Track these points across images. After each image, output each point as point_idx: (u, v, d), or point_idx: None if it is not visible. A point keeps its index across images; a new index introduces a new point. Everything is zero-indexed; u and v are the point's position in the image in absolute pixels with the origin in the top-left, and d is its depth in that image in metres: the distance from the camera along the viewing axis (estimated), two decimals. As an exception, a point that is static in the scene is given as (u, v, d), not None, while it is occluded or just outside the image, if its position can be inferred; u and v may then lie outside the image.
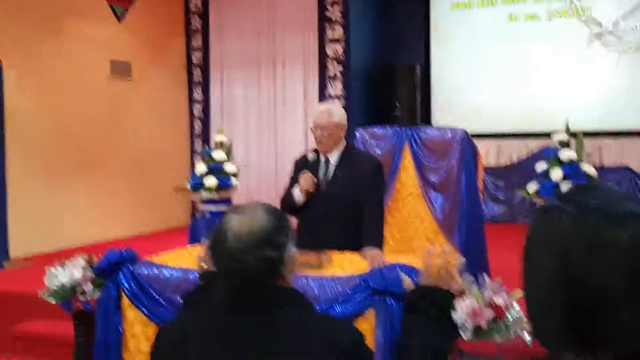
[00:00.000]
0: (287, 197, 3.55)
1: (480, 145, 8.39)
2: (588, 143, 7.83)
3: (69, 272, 3.12)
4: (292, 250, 1.56)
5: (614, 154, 8.56)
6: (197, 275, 2.12)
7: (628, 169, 8.47)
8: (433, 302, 1.69)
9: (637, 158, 8.45)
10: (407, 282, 1.87)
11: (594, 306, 0.78)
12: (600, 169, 8.32)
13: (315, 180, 3.46)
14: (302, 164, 3.61)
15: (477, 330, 2.43)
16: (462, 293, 2.63)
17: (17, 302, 4.95)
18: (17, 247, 6.70)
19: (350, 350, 1.47)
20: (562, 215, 0.83)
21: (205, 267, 2.13)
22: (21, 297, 4.94)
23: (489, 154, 8.80)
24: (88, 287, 3.07)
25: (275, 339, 1.47)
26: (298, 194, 3.48)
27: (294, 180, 3.61)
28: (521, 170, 8.78)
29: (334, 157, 3.51)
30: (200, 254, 2.19)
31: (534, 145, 8.71)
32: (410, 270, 2.93)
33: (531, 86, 8.72)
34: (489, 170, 8.79)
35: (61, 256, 3.27)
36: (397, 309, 2.54)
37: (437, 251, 1.79)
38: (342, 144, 3.53)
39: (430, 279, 1.73)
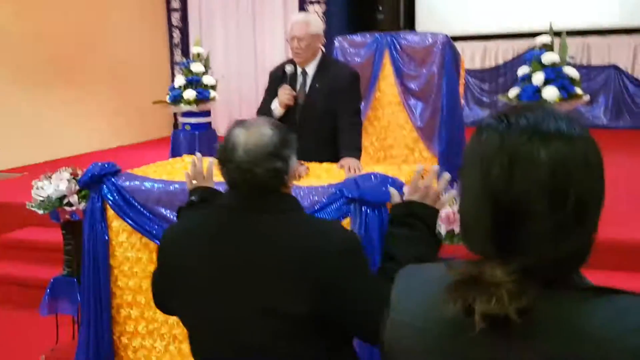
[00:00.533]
0: (265, 110, 3.56)
1: (466, 47, 8.37)
2: (574, 42, 7.81)
3: (54, 185, 3.20)
4: (295, 160, 1.66)
5: (600, 52, 8.52)
6: (187, 191, 2.16)
7: (615, 67, 8.46)
8: (420, 217, 1.76)
9: (624, 56, 8.43)
10: (395, 196, 1.92)
11: (513, 218, 0.85)
12: (587, 68, 8.32)
13: (294, 93, 3.47)
14: (277, 76, 3.60)
15: (450, 235, 2.54)
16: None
17: (6, 211, 5.05)
18: (3, 159, 6.75)
19: (347, 253, 1.56)
20: (490, 132, 0.89)
21: (195, 182, 2.16)
22: (10, 207, 5.04)
23: (475, 56, 8.73)
24: (73, 198, 3.16)
25: (279, 236, 1.57)
26: (276, 107, 3.49)
27: (269, 92, 3.60)
28: (507, 73, 8.76)
29: (310, 69, 3.49)
30: (187, 172, 2.22)
31: (521, 46, 8.60)
32: (386, 179, 3.02)
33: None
34: (474, 73, 8.75)
35: (46, 168, 3.34)
36: (372, 217, 2.63)
37: (426, 169, 1.85)
38: (319, 55, 3.52)
39: (417, 195, 1.79)
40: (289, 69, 3.50)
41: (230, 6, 8.83)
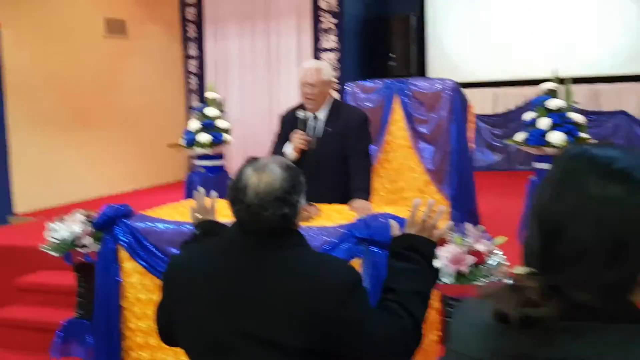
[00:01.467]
0: (277, 153, 3.61)
1: (477, 94, 8.47)
2: (583, 88, 7.87)
3: (68, 227, 3.26)
4: (303, 202, 1.70)
5: (610, 98, 8.56)
6: (193, 226, 2.21)
7: (624, 113, 8.49)
8: (416, 249, 1.80)
9: (634, 102, 8.47)
10: (395, 228, 1.96)
11: (552, 238, 0.89)
12: (597, 114, 8.36)
13: (308, 137, 3.51)
14: (288, 120, 3.66)
15: (459, 276, 2.56)
16: (444, 241, 2.75)
17: (21, 255, 5.10)
18: (21, 203, 6.85)
19: (346, 287, 1.59)
20: (559, 157, 0.93)
21: (200, 217, 2.21)
22: (25, 251, 5.09)
23: (486, 103, 8.81)
24: (87, 240, 3.21)
25: (280, 270, 1.60)
26: (291, 152, 3.53)
27: (280, 135, 3.67)
28: (518, 118, 8.81)
29: (322, 113, 3.55)
30: (192, 206, 2.27)
31: (531, 92, 8.65)
32: (396, 220, 3.05)
33: (527, 33, 8.68)
34: (486, 119, 8.82)
35: (62, 211, 3.40)
36: (382, 257, 2.65)
37: (423, 202, 1.89)
38: (330, 100, 3.58)
39: (415, 228, 1.84)
40: (302, 114, 3.55)
41: (247, 53, 9.03)
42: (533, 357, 0.86)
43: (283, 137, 3.62)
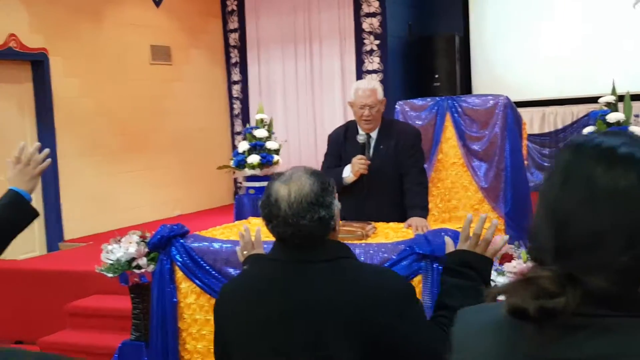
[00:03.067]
0: (334, 177, 3.51)
1: (524, 113, 8.31)
2: (635, 105, 7.67)
3: (124, 248, 3.25)
4: (337, 205, 1.68)
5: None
6: (242, 264, 2.19)
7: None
8: (471, 265, 1.75)
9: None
10: (450, 245, 1.90)
11: (562, 227, 0.86)
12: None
13: (369, 162, 3.42)
14: (337, 140, 3.60)
15: None
16: (509, 257, 2.65)
17: (72, 280, 5.14)
18: (70, 229, 6.94)
19: (403, 297, 1.57)
20: (567, 147, 0.91)
21: (246, 253, 2.20)
22: (77, 275, 5.13)
23: (533, 122, 8.67)
24: (142, 261, 3.19)
25: (330, 284, 1.57)
26: (349, 175, 3.44)
27: (330, 155, 3.62)
28: (567, 137, 8.65)
29: (374, 132, 3.49)
30: (238, 247, 2.25)
31: (579, 110, 8.54)
32: (457, 235, 2.95)
33: (574, 51, 8.53)
34: (534, 138, 8.67)
35: (111, 236, 3.40)
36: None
37: (476, 218, 1.83)
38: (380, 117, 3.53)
39: (468, 244, 1.79)
40: (361, 138, 3.47)
41: (290, 77, 9.08)
42: (552, 357, 0.83)
43: (333, 157, 3.56)
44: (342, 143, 3.56)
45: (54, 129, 6.85)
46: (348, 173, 3.42)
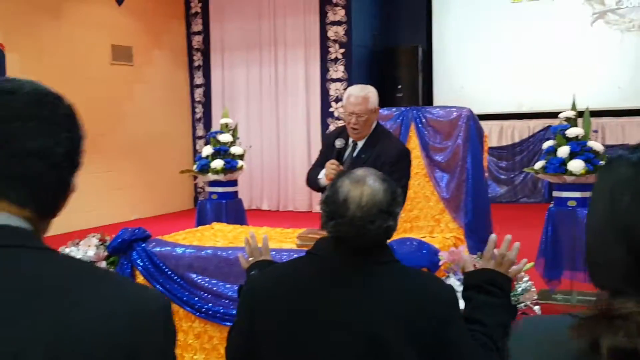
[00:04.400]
0: (314, 176, 3.42)
1: (483, 125, 8.43)
2: (592, 122, 7.88)
3: (82, 251, 3.17)
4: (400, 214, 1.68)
5: (615, 133, 8.59)
6: (246, 271, 2.14)
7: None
8: (498, 285, 1.81)
9: (638, 135, 8.49)
10: (469, 263, 1.94)
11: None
12: (605, 146, 8.39)
13: (341, 167, 3.32)
14: (329, 144, 3.47)
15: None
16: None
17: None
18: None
19: (453, 305, 1.60)
20: (622, 162, 0.86)
21: (252, 259, 2.15)
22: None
23: (492, 135, 8.83)
24: (102, 265, 3.12)
25: (384, 287, 1.57)
26: (323, 178, 3.36)
27: (320, 155, 3.49)
28: (524, 150, 8.83)
29: (361, 141, 3.36)
30: (241, 255, 2.20)
31: (535, 125, 8.74)
32: (422, 245, 2.97)
33: (533, 67, 8.73)
34: (492, 151, 8.83)
35: (71, 237, 3.31)
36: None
37: (498, 239, 1.88)
38: (372, 127, 3.39)
39: (492, 263, 1.85)
40: (339, 143, 3.35)
41: (254, 82, 9.05)
42: None
43: (322, 157, 3.45)
44: (332, 145, 3.48)
45: (9, 127, 6.67)
46: (322, 175, 3.37)
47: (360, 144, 3.35)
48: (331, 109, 8.53)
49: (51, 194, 0.95)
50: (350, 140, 3.37)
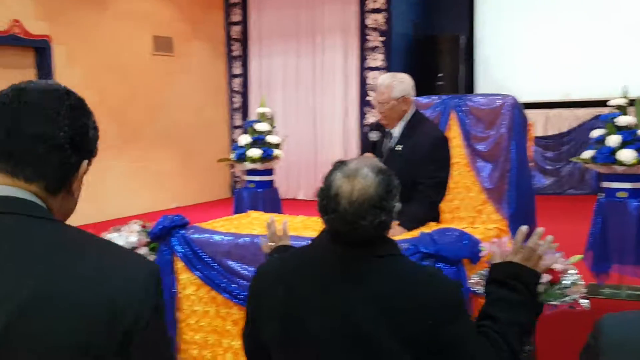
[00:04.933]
0: None
1: (528, 115, 8.27)
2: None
3: (124, 237, 3.18)
4: (398, 206, 1.58)
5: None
6: (266, 255, 2.13)
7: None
8: (520, 279, 1.71)
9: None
10: (497, 255, 1.85)
11: None
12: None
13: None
14: (369, 133, 3.49)
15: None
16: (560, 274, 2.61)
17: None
18: (69, 219, 6.86)
19: (457, 302, 1.52)
20: None
21: (273, 244, 2.14)
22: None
23: (537, 124, 8.62)
24: (143, 250, 3.13)
25: (380, 282, 1.51)
26: None
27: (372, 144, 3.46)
28: (571, 140, 8.60)
29: (396, 131, 3.26)
30: (263, 240, 2.19)
31: (584, 114, 8.48)
32: (462, 235, 2.89)
33: (581, 54, 8.49)
34: (537, 141, 8.63)
35: (113, 225, 3.33)
36: (449, 274, 2.51)
37: (526, 231, 1.79)
38: (407, 116, 3.27)
39: (519, 256, 1.75)
40: (374, 136, 3.31)
41: (291, 72, 9.02)
42: None
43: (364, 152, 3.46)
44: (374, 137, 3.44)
45: (53, 116, 6.79)
46: None
47: (395, 134, 3.27)
48: (369, 98, 8.45)
49: (56, 173, 1.07)
50: (388, 131, 3.30)
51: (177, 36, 8.49)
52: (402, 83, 3.26)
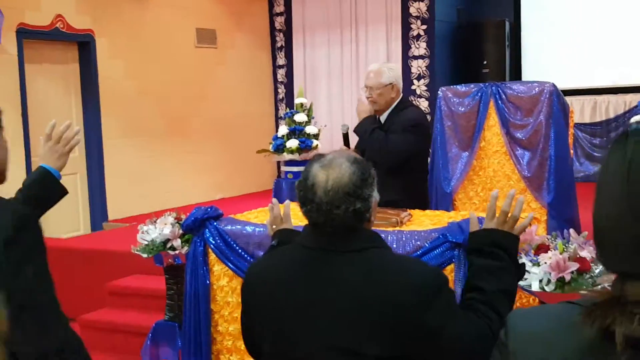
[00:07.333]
0: None
1: (575, 101, 8.10)
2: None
3: (159, 229, 3.27)
4: (376, 196, 1.62)
5: None
6: (271, 238, 2.18)
7: None
8: (499, 245, 1.69)
9: None
10: (474, 224, 1.84)
11: None
12: None
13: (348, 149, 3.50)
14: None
15: (561, 283, 2.40)
16: (546, 248, 2.57)
17: (113, 259, 5.23)
18: (114, 210, 7.07)
19: (430, 289, 1.50)
20: (638, 137, 0.81)
21: (275, 227, 2.19)
22: (117, 255, 5.21)
23: (584, 111, 8.42)
24: (177, 242, 3.21)
25: (358, 274, 1.53)
26: None
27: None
28: (619, 126, 8.37)
29: (384, 117, 3.50)
30: (268, 220, 2.22)
31: (633, 99, 8.24)
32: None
33: (630, 39, 8.22)
34: (584, 127, 8.43)
35: (153, 216, 3.43)
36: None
37: (501, 195, 1.79)
38: (395, 103, 3.50)
39: (495, 222, 1.73)
40: (343, 129, 3.74)
41: (335, 61, 9.03)
42: None
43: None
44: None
45: (99, 109, 6.97)
46: None
47: (383, 120, 3.45)
48: (413, 87, 8.38)
49: None
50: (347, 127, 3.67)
51: (221, 28, 8.59)
52: (391, 70, 3.46)
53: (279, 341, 1.60)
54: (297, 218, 2.50)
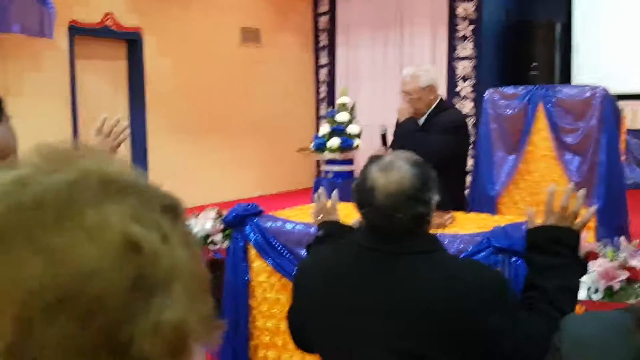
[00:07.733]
0: None
1: (628, 106, 7.88)
2: None
3: (200, 223, 3.29)
4: (436, 198, 1.57)
5: None
6: (316, 227, 2.15)
7: None
8: (560, 241, 1.64)
9: None
10: (531, 220, 1.80)
11: None
12: None
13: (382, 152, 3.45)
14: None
15: (609, 292, 2.34)
16: (594, 256, 2.50)
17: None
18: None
19: (492, 292, 1.48)
20: None
21: (321, 217, 2.15)
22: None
23: (637, 116, 8.18)
24: (218, 237, 3.23)
25: (418, 277, 1.50)
26: None
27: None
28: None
29: (421, 120, 3.44)
30: (312, 210, 2.21)
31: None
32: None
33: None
34: (636, 133, 8.20)
35: (194, 212, 3.46)
36: (523, 269, 2.44)
37: (559, 190, 1.72)
38: (430, 106, 3.45)
39: (554, 218, 1.68)
40: (380, 130, 3.70)
41: (379, 62, 8.97)
42: None
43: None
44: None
45: (145, 106, 7.08)
46: None
47: (421, 123, 3.41)
48: (458, 89, 8.27)
49: None
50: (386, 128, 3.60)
51: (265, 27, 8.62)
52: (427, 72, 3.43)
53: (336, 340, 1.58)
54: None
